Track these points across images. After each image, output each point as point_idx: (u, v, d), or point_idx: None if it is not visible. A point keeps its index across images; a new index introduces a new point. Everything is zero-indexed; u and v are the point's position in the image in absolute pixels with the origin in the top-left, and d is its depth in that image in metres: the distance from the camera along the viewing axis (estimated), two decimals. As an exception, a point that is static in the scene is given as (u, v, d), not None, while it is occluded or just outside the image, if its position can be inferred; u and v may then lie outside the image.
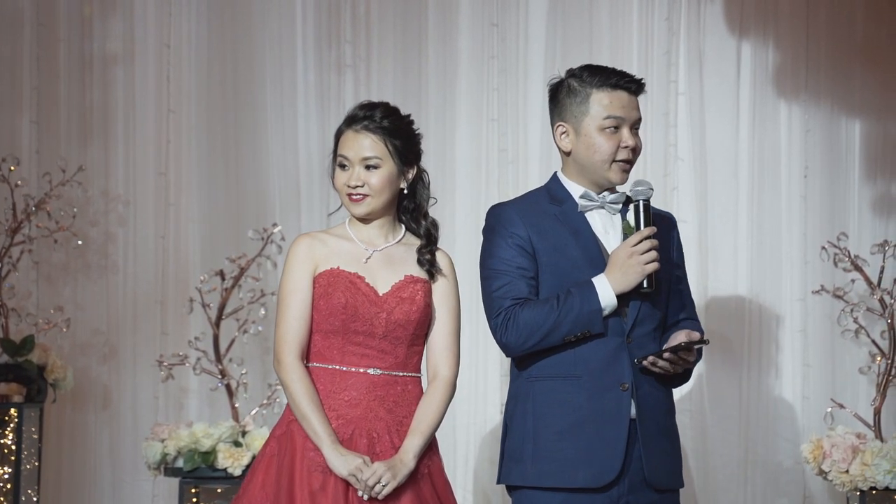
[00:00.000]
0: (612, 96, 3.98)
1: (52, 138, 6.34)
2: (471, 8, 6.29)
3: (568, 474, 3.87)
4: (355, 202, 4.04)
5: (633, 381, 3.89)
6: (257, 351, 6.18)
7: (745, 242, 6.12)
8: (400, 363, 4.01)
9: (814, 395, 6.03)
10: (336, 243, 4.06)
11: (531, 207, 4.05)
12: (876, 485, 5.45)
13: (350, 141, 4.04)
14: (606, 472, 3.86)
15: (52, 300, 6.24)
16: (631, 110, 4.00)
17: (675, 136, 6.14)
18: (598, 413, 3.88)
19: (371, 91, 6.23)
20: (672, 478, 3.99)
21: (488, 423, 6.11)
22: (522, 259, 3.97)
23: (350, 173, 4.03)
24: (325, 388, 3.96)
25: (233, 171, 6.35)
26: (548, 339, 3.91)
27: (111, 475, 6.29)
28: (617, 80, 3.99)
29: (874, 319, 5.76)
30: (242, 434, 5.76)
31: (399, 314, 3.99)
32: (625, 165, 4.00)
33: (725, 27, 6.19)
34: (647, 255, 3.86)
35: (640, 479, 3.89)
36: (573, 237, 3.96)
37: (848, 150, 6.14)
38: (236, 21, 6.39)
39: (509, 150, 6.22)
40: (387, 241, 4.10)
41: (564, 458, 3.88)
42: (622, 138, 3.98)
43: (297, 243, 4.06)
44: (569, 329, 3.88)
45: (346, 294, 3.96)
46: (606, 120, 3.97)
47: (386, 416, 3.97)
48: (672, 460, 4.00)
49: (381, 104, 4.09)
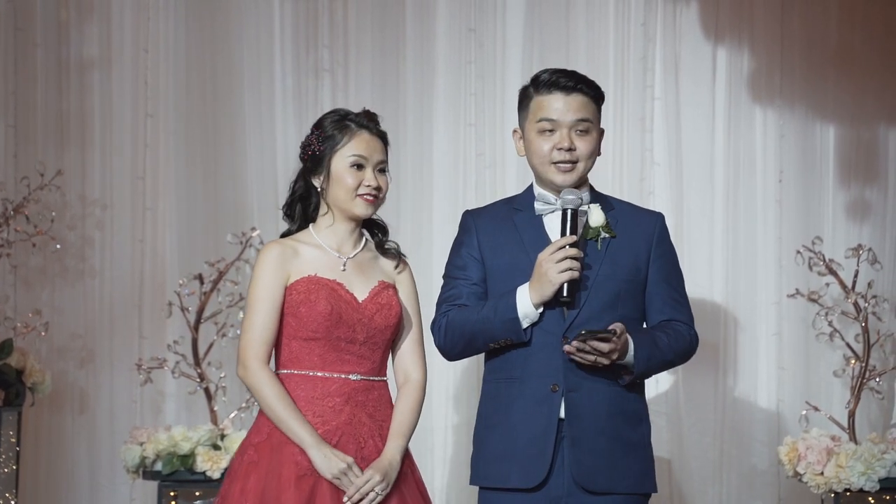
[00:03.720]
0: (547, 98, 3.99)
1: (29, 142, 6.32)
2: (448, 13, 6.31)
3: (503, 475, 3.96)
4: (369, 202, 4.05)
5: (565, 382, 3.90)
6: (236, 354, 6.16)
7: (720, 246, 6.15)
8: (376, 368, 4.05)
9: (789, 397, 6.06)
10: (308, 251, 4.06)
11: (492, 214, 4.12)
12: (850, 486, 5.49)
13: (369, 142, 4.06)
14: (535, 472, 3.90)
15: (30, 304, 6.22)
16: (566, 112, 3.98)
17: (650, 140, 6.17)
18: (529, 414, 3.93)
19: (349, 96, 6.24)
20: (617, 481, 3.95)
21: (464, 426, 6.12)
22: (470, 265, 4.05)
23: (366, 173, 4.05)
24: (307, 395, 3.97)
25: (211, 176, 6.34)
26: (473, 345, 4.00)
27: (89, 479, 6.28)
28: (553, 79, 3.98)
29: (848, 323, 5.80)
30: (221, 437, 5.76)
31: (379, 320, 4.02)
32: (563, 166, 3.99)
33: (701, 32, 6.22)
34: (562, 265, 3.85)
35: (572, 480, 3.91)
36: (524, 241, 3.99)
37: (822, 155, 6.17)
38: (214, 25, 6.38)
39: (487, 154, 6.24)
40: (355, 248, 4.11)
41: (499, 458, 3.97)
42: (556, 140, 3.98)
43: (267, 250, 4.05)
44: (490, 336, 3.95)
45: (330, 301, 3.98)
46: (539, 122, 3.99)
47: (368, 420, 3.99)
48: (617, 463, 3.95)
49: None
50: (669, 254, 4.13)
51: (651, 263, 4.07)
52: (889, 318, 5.91)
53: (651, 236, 4.09)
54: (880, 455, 5.48)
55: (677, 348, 4.03)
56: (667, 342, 3.99)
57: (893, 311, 5.96)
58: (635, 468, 4.00)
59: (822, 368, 6.01)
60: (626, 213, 4.10)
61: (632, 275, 4.02)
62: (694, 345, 4.10)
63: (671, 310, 4.08)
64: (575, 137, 3.99)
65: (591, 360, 3.87)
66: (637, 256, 4.04)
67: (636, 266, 4.03)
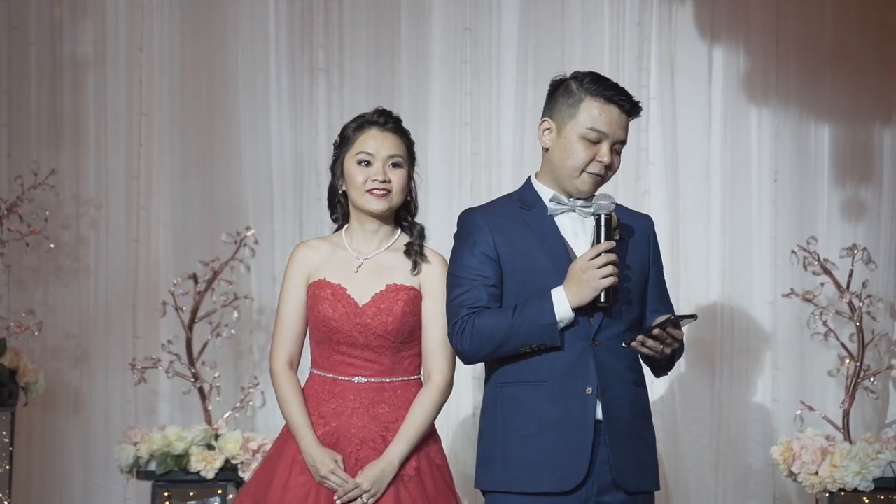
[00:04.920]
0: (603, 109, 3.95)
1: (23, 141, 6.31)
2: (443, 12, 6.30)
3: (534, 479, 3.89)
4: (378, 197, 4.10)
5: (599, 385, 3.89)
6: (230, 354, 6.18)
7: (716, 246, 6.15)
8: (386, 370, 4.08)
9: (783, 397, 6.07)
10: (330, 252, 4.15)
11: (500, 212, 4.05)
12: (845, 486, 5.50)
13: (377, 138, 4.12)
14: (571, 476, 3.87)
15: (24, 303, 6.22)
16: (617, 128, 3.96)
17: (646, 140, 6.16)
18: (563, 418, 3.88)
19: (344, 95, 6.25)
20: (644, 480, 3.99)
21: (461, 427, 6.12)
22: (485, 266, 3.97)
23: (374, 169, 4.10)
24: (317, 396, 4.07)
25: (205, 175, 6.34)
26: (502, 349, 3.92)
27: (83, 479, 6.27)
28: (613, 94, 3.96)
29: (843, 322, 5.81)
30: (215, 437, 5.76)
31: (376, 324, 4.05)
32: (595, 178, 3.97)
33: (696, 32, 6.22)
34: (603, 270, 3.83)
35: (609, 481, 3.89)
36: (539, 241, 3.95)
37: (817, 155, 6.18)
38: (209, 24, 6.37)
39: (482, 153, 6.24)
40: (379, 248, 4.16)
41: (530, 462, 3.90)
42: (600, 152, 3.95)
43: (294, 252, 4.18)
44: (523, 340, 3.89)
45: (328, 306, 4.05)
46: (590, 130, 3.94)
47: (370, 423, 4.04)
48: (643, 462, 3.99)
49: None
50: (659, 255, 4.16)
51: (651, 265, 4.10)
52: (884, 317, 5.92)
53: (649, 238, 4.12)
54: (875, 455, 5.49)
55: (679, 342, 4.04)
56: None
57: (888, 311, 5.97)
58: (653, 467, 4.04)
59: (817, 368, 6.02)
60: (624, 217, 4.08)
61: (641, 276, 4.04)
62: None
63: (665, 309, 4.10)
64: (614, 155, 3.99)
65: (659, 350, 3.89)
66: (642, 258, 4.06)
67: (642, 267, 4.06)
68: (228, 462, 5.72)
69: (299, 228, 6.24)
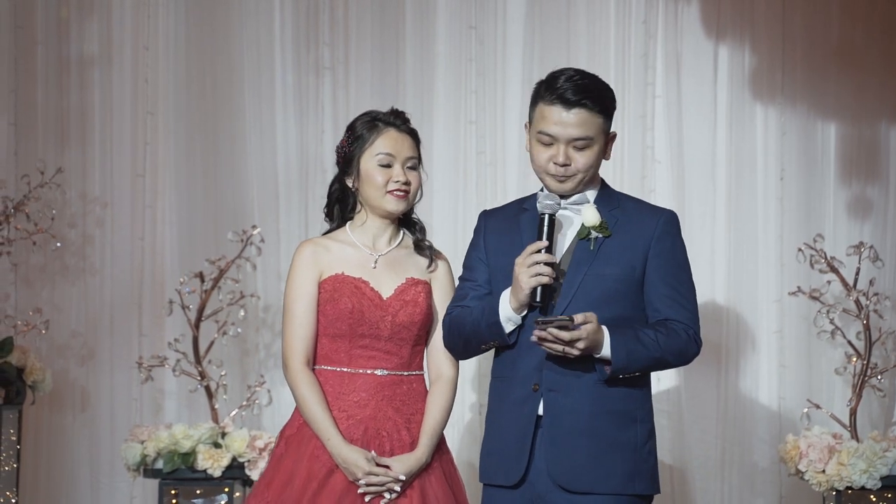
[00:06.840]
0: (547, 111, 3.94)
1: (30, 140, 6.33)
2: (449, 11, 6.30)
3: (492, 472, 4.02)
4: (399, 198, 4.14)
5: (544, 382, 3.91)
6: (237, 352, 6.19)
7: (722, 244, 6.15)
8: (404, 363, 4.14)
9: (790, 395, 6.06)
10: (339, 249, 4.16)
11: (503, 214, 4.15)
12: (852, 485, 5.49)
13: (397, 140, 4.16)
14: (514, 470, 3.93)
15: (31, 302, 6.23)
16: (566, 127, 3.92)
17: (652, 138, 6.16)
18: (513, 413, 3.96)
19: (349, 93, 6.25)
20: (593, 481, 3.90)
21: (463, 424, 6.12)
22: (477, 266, 4.09)
23: (395, 170, 4.13)
24: (334, 390, 4.08)
25: (211, 173, 6.34)
26: (470, 345, 4.07)
27: (90, 477, 6.28)
28: (555, 96, 3.92)
29: (850, 320, 5.80)
30: (222, 435, 5.76)
31: (403, 316, 4.11)
32: (556, 178, 3.97)
33: (702, 30, 6.21)
34: (532, 270, 3.84)
35: (549, 479, 3.90)
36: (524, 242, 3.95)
37: (824, 153, 6.17)
38: (214, 23, 6.38)
39: (487, 152, 6.24)
40: (389, 245, 4.20)
41: (490, 455, 4.03)
42: (553, 153, 3.95)
43: (300, 250, 4.17)
44: (480, 338, 4.01)
45: (353, 299, 4.07)
46: (541, 134, 3.96)
47: (394, 415, 4.09)
48: (596, 462, 3.91)
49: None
50: (670, 252, 4.02)
51: (648, 262, 3.99)
52: (890, 315, 5.91)
53: (651, 234, 4.00)
54: (882, 453, 5.48)
55: (669, 346, 3.93)
56: (654, 339, 3.90)
57: (895, 309, 5.96)
58: (622, 468, 3.93)
59: (824, 366, 6.01)
60: (629, 212, 4.04)
61: (626, 273, 3.96)
62: (692, 347, 4.00)
63: (668, 309, 3.99)
64: (572, 152, 3.95)
65: (559, 350, 3.82)
66: (634, 255, 3.98)
67: (631, 265, 3.97)
68: (235, 460, 5.72)
69: (305, 226, 6.24)
